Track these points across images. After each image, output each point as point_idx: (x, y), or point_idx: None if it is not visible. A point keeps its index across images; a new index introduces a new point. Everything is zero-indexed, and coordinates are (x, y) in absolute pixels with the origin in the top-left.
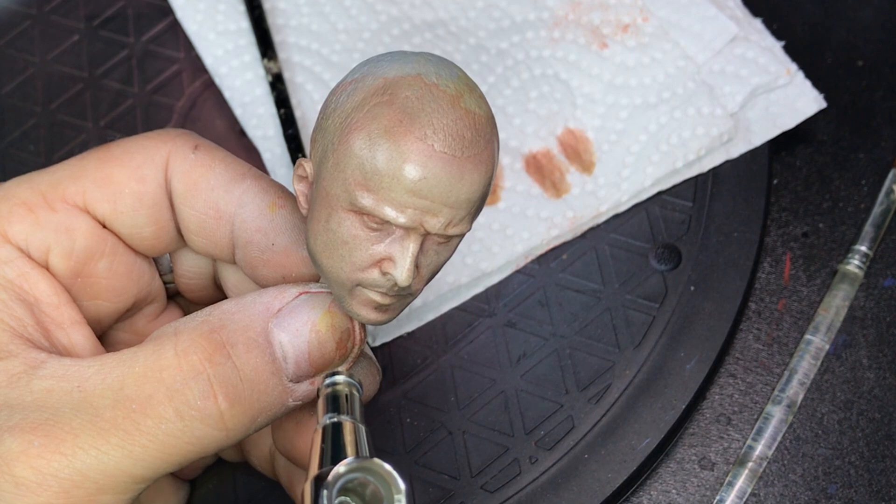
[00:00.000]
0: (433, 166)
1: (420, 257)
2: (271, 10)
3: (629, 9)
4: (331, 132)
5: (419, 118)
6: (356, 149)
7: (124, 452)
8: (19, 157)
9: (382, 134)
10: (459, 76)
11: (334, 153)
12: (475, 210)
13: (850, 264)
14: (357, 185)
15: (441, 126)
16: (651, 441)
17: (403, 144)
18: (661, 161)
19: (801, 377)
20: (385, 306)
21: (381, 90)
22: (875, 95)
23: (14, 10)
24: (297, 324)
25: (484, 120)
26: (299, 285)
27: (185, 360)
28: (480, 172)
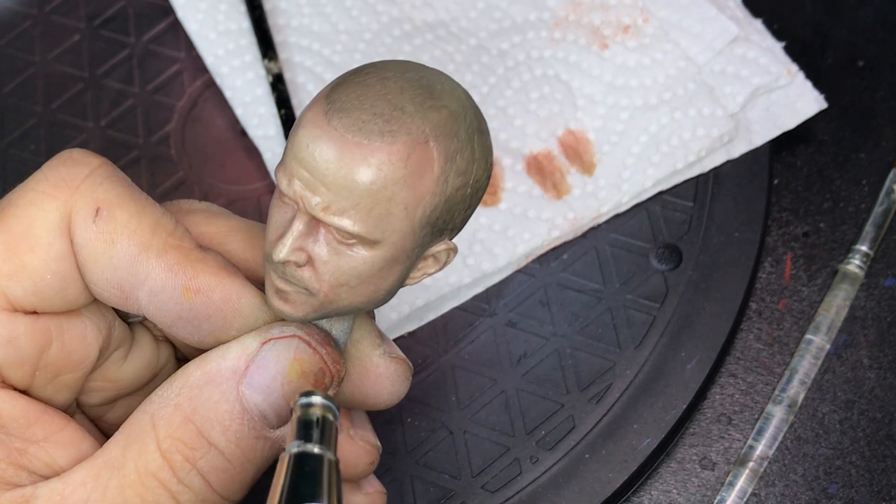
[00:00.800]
0: (320, 139)
1: (314, 248)
2: (272, 10)
3: (630, 9)
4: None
5: (338, 95)
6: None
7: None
8: (20, 156)
9: (308, 107)
10: (426, 81)
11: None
12: (367, 211)
13: (851, 264)
14: (283, 161)
15: (349, 106)
16: (652, 441)
17: (308, 113)
18: (662, 162)
19: (802, 377)
20: (284, 293)
21: (332, 84)
22: (876, 95)
23: (15, 9)
24: (267, 380)
25: (410, 121)
26: (260, 333)
27: (173, 461)
28: (370, 166)
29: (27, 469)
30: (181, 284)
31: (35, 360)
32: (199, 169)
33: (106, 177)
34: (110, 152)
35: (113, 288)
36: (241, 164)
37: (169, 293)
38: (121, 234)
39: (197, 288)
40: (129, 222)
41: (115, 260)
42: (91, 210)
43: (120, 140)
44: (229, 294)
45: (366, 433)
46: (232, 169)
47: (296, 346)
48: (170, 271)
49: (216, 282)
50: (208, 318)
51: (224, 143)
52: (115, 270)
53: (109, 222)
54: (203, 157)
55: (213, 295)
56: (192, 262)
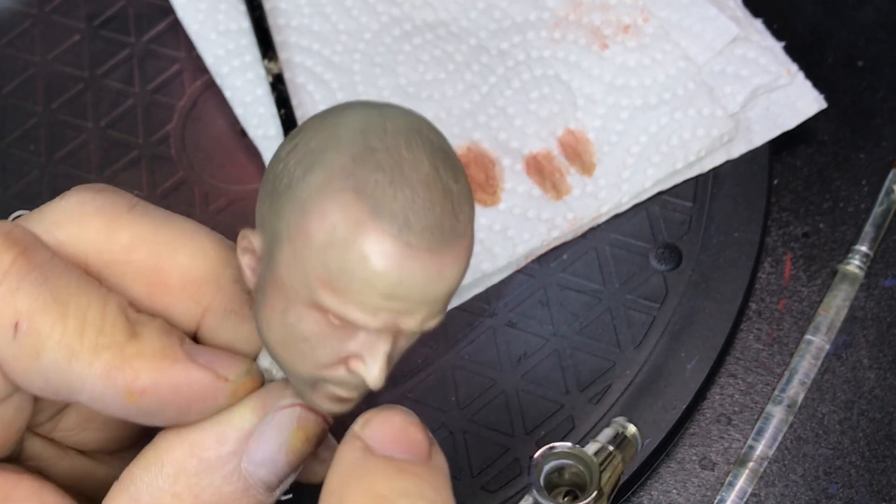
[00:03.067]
0: (410, 266)
1: (393, 353)
2: (272, 10)
3: (630, 9)
4: (285, 214)
5: (393, 210)
6: (319, 243)
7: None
8: (20, 156)
9: (351, 228)
10: (433, 141)
11: (291, 242)
12: (451, 298)
13: (851, 264)
14: (320, 283)
15: (418, 217)
16: (651, 441)
17: (376, 242)
18: (662, 162)
19: (802, 377)
20: (349, 399)
21: (346, 171)
22: (876, 96)
23: (15, 9)
24: (271, 453)
25: (461, 196)
26: (255, 408)
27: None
28: (462, 261)
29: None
30: (122, 389)
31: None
32: (199, 169)
33: (22, 277)
34: (110, 152)
35: (46, 392)
36: (241, 164)
37: (111, 398)
38: (45, 346)
39: (141, 389)
40: (53, 331)
41: (43, 372)
42: (9, 325)
43: (120, 140)
44: (178, 384)
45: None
46: (232, 169)
47: (298, 414)
48: (107, 377)
49: (160, 376)
50: (161, 412)
51: (224, 143)
52: (47, 381)
53: (31, 335)
54: (203, 157)
55: (160, 391)
56: (129, 361)
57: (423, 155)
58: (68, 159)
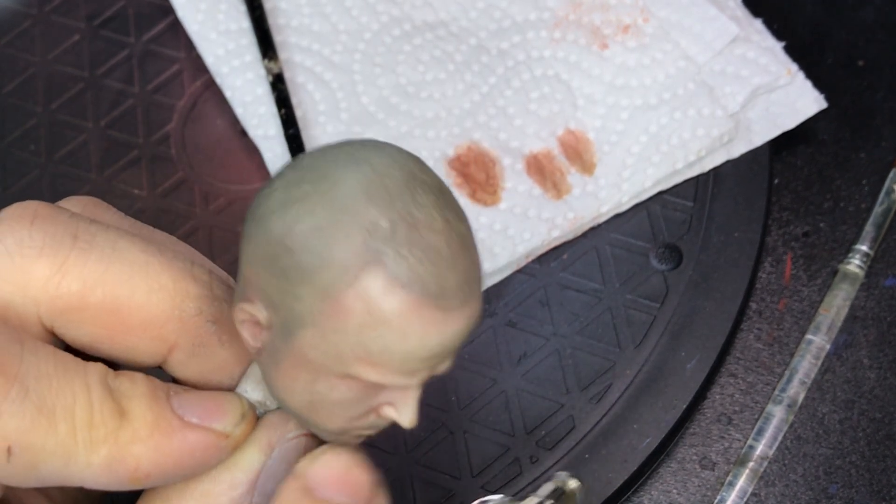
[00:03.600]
0: (451, 328)
1: None
2: (272, 10)
3: (630, 9)
4: (304, 298)
5: (423, 280)
6: (353, 326)
7: None
8: (20, 156)
9: (386, 309)
10: (430, 184)
11: (317, 325)
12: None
13: (851, 264)
14: (358, 361)
15: (448, 280)
16: (652, 441)
17: (416, 318)
18: (662, 162)
19: (802, 377)
20: (374, 436)
21: (364, 252)
22: (876, 95)
23: (14, 9)
24: (279, 482)
25: (471, 239)
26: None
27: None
28: (476, 311)
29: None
30: (126, 478)
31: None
32: (199, 169)
33: (3, 396)
34: (110, 152)
35: (51, 487)
36: (241, 164)
37: (116, 485)
38: (40, 459)
39: (145, 475)
40: (46, 443)
41: (42, 479)
42: (2, 451)
43: (120, 140)
44: (180, 457)
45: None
46: (232, 169)
47: (305, 444)
48: (107, 470)
49: (160, 455)
50: (166, 482)
51: (224, 143)
52: (47, 482)
53: (24, 454)
54: (203, 157)
55: (163, 468)
56: (126, 449)
57: (431, 208)
58: (68, 159)
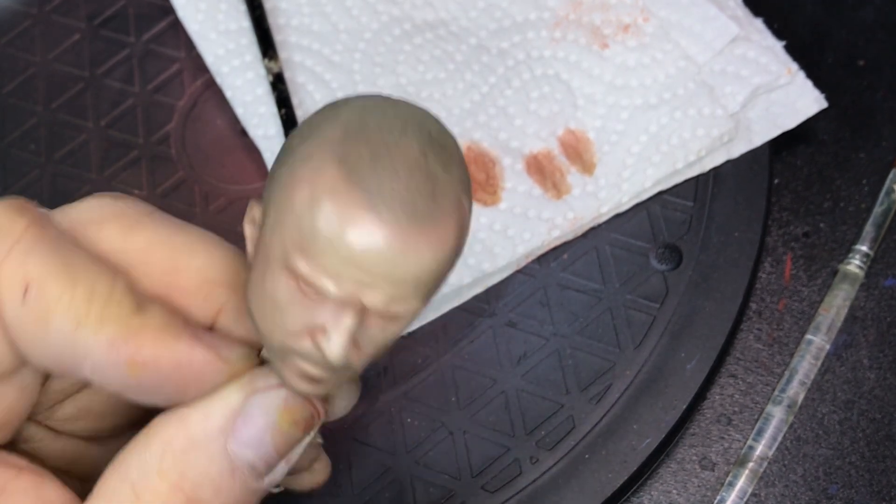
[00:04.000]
0: (376, 237)
1: (360, 332)
2: (272, 9)
3: (630, 9)
4: (278, 181)
5: (368, 180)
6: (297, 205)
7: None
8: (20, 156)
9: (326, 193)
10: (431, 132)
11: (276, 205)
12: (428, 289)
13: (851, 264)
14: (293, 245)
15: (391, 192)
16: (652, 441)
17: (346, 208)
18: (662, 162)
19: (802, 377)
20: (318, 379)
21: (335, 142)
22: (876, 95)
23: (15, 9)
24: (257, 434)
25: (448, 185)
26: (243, 386)
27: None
28: (433, 248)
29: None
30: (124, 360)
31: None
32: (199, 169)
33: (34, 243)
34: (110, 152)
35: (51, 363)
36: (242, 164)
37: (113, 369)
38: (53, 311)
39: (142, 362)
40: (62, 297)
41: (49, 338)
42: (19, 288)
43: (120, 140)
44: (178, 361)
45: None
46: (232, 169)
47: (284, 395)
48: (110, 347)
49: (162, 351)
50: (160, 387)
51: (224, 143)
52: (51, 348)
53: (40, 300)
54: (203, 157)
55: (160, 365)
56: (133, 333)
57: (414, 141)
58: (68, 159)
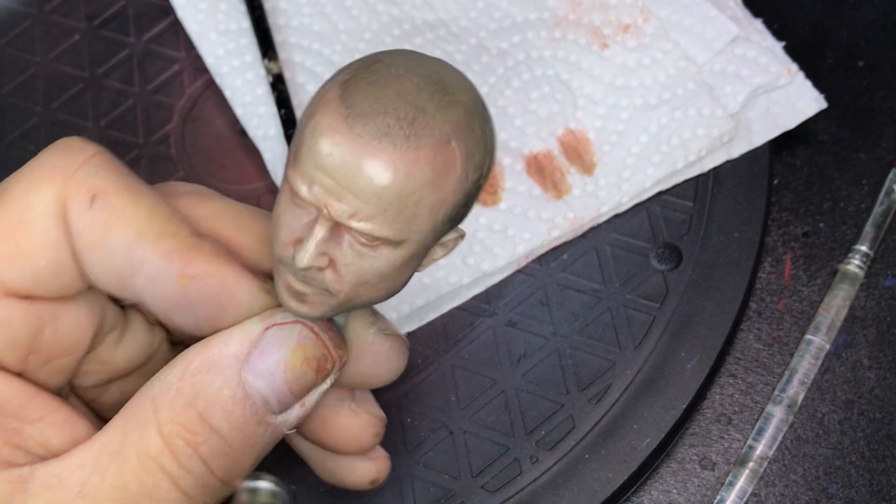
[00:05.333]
0: (343, 145)
1: (336, 251)
2: (272, 10)
3: (630, 9)
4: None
5: (355, 98)
6: (302, 119)
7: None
8: (20, 156)
9: (320, 107)
10: (443, 78)
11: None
12: (395, 216)
13: (851, 264)
14: (291, 155)
15: (370, 110)
16: (652, 441)
17: (327, 118)
18: (662, 162)
19: (802, 377)
20: (301, 294)
21: (349, 70)
22: (876, 95)
23: (14, 9)
24: (270, 366)
25: (434, 122)
26: (263, 318)
27: (174, 445)
28: (399, 170)
29: (23, 449)
30: (177, 271)
31: (28, 344)
32: (199, 169)
33: (102, 165)
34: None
35: (109, 275)
36: (241, 164)
37: (165, 280)
38: (116, 221)
39: (193, 275)
40: (125, 209)
41: (110, 247)
42: (87, 197)
43: (120, 140)
44: (225, 281)
45: (369, 406)
46: (232, 169)
47: (298, 332)
48: (165, 258)
49: (212, 269)
50: (204, 304)
51: (224, 143)
52: (112, 257)
53: (105, 209)
54: (203, 157)
55: (208, 281)
56: (187, 249)
57: (415, 77)
58: None
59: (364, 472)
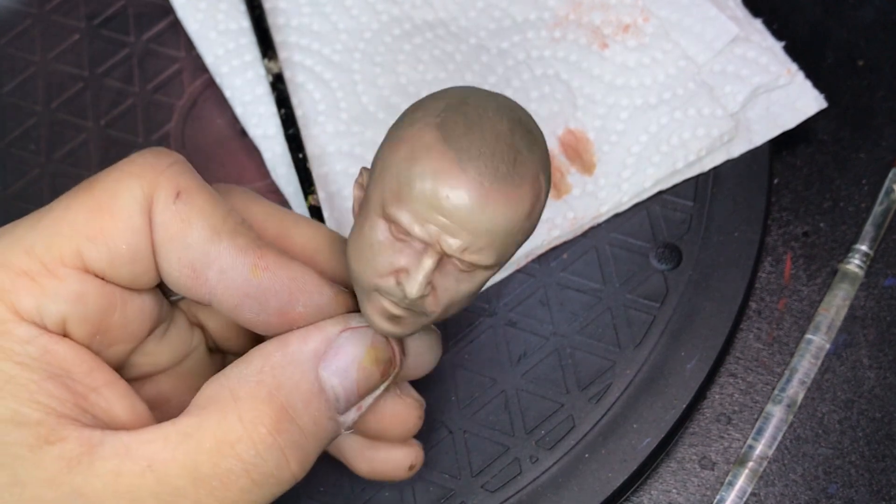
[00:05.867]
0: (460, 189)
1: (438, 278)
2: (272, 9)
3: (630, 9)
4: (385, 144)
5: (460, 142)
6: (398, 159)
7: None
8: (20, 156)
9: (423, 150)
10: (521, 117)
11: (381, 163)
12: (500, 246)
13: (851, 264)
14: (391, 194)
15: (478, 154)
16: (651, 440)
17: (437, 162)
18: (662, 162)
19: (802, 376)
20: (397, 318)
21: (437, 112)
22: (875, 95)
23: (15, 8)
24: (345, 364)
25: (529, 161)
26: (339, 321)
27: (255, 433)
28: (508, 208)
29: (91, 413)
30: (250, 262)
31: (98, 322)
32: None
33: (187, 169)
34: (110, 152)
35: (185, 267)
36: (241, 164)
37: (238, 270)
38: (197, 217)
39: (265, 266)
40: (205, 207)
41: (189, 239)
42: (172, 193)
43: (120, 139)
44: (294, 273)
45: (409, 390)
46: (232, 168)
47: (372, 335)
48: (240, 251)
49: (282, 262)
50: (275, 294)
51: (224, 143)
52: (189, 249)
53: (187, 205)
54: (203, 157)
55: (280, 272)
56: (259, 245)
57: (505, 118)
58: (68, 158)
59: (404, 458)
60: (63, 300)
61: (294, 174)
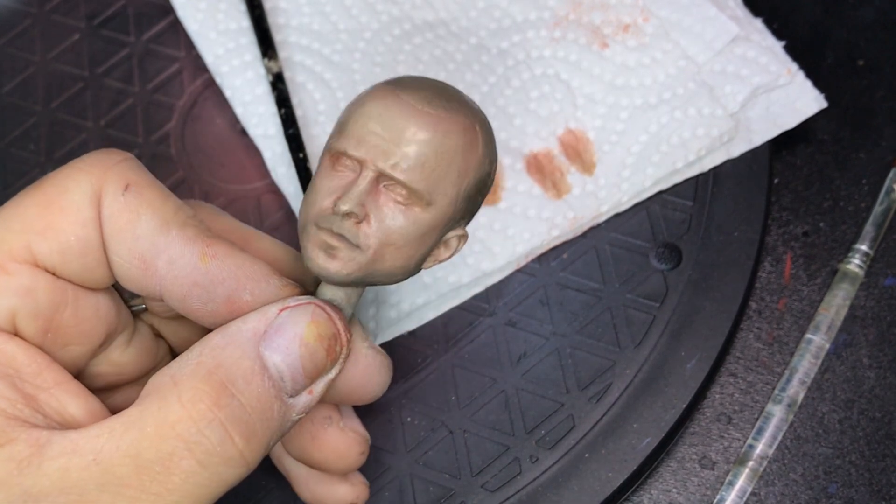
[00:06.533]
0: (393, 108)
1: (373, 209)
2: (272, 9)
3: (630, 9)
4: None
5: (402, 82)
6: (345, 109)
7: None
8: (20, 156)
9: (367, 92)
10: (460, 94)
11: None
12: (432, 172)
13: (851, 263)
14: (336, 131)
15: (416, 87)
16: (652, 440)
17: (378, 93)
18: (662, 161)
19: (802, 376)
20: (333, 249)
21: (381, 83)
22: (875, 95)
23: (14, 8)
24: (286, 341)
25: (462, 107)
26: (278, 303)
27: (194, 410)
28: (437, 132)
29: (41, 413)
30: (199, 251)
31: (49, 317)
32: (199, 168)
33: (138, 165)
34: None
35: (134, 258)
36: (241, 164)
37: (187, 259)
38: (146, 208)
39: (213, 254)
40: (155, 200)
41: (138, 231)
42: (121, 186)
43: (120, 139)
44: (242, 262)
45: (354, 424)
46: (232, 168)
47: (312, 311)
48: (189, 241)
49: (231, 251)
50: (223, 281)
51: (224, 143)
52: (138, 241)
53: (137, 197)
54: (203, 157)
55: (227, 260)
56: (208, 235)
57: (441, 85)
58: (68, 158)
59: (344, 496)
60: (12, 294)
61: (294, 174)
